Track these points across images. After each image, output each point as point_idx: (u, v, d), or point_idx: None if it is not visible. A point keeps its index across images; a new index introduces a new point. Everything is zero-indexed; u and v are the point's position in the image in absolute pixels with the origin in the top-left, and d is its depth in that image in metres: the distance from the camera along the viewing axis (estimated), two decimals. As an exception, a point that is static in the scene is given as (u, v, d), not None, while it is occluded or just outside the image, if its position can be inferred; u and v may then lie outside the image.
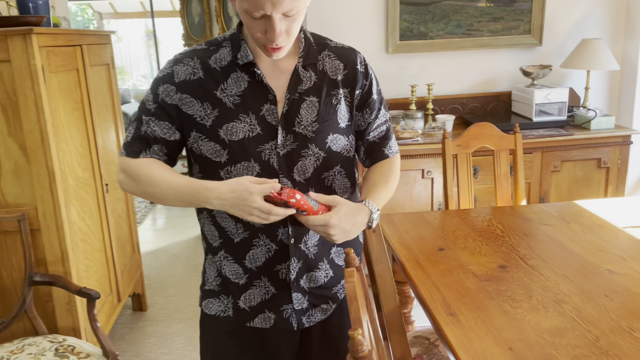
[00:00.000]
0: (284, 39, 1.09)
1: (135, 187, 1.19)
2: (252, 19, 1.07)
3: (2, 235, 2.00)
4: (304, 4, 1.09)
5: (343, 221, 1.12)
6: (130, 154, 1.20)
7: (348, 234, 1.14)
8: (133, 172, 1.18)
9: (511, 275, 1.54)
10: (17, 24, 1.94)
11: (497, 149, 2.37)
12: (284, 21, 1.07)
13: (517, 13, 3.15)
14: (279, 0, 1.02)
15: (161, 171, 1.17)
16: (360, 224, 1.17)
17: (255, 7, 1.04)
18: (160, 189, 1.15)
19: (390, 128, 1.33)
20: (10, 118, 1.90)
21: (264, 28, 1.08)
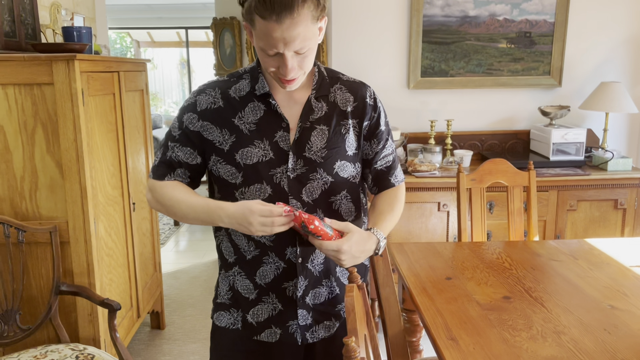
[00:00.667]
0: (296, 72, 1.20)
1: (160, 207, 1.32)
2: (267, 55, 1.18)
3: (34, 246, 2.13)
4: (314, 42, 1.19)
5: (354, 248, 1.20)
6: (156, 176, 1.32)
7: (356, 260, 1.23)
8: (158, 193, 1.30)
9: (514, 306, 1.59)
10: (62, 50, 2.11)
11: (510, 185, 2.42)
12: (296, 58, 1.18)
13: (537, 55, 3.23)
14: (291, 40, 1.13)
15: (182, 193, 1.29)
16: (368, 251, 1.25)
17: (269, 47, 1.15)
18: (181, 209, 1.27)
19: (396, 158, 1.42)
20: (50, 136, 2.05)
21: (277, 64, 1.19)
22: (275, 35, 1.12)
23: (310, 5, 1.12)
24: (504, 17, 3.17)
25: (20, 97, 2.02)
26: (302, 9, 1.11)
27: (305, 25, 1.13)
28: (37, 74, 1.99)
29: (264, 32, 1.13)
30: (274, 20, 1.10)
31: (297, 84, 1.25)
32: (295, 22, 1.11)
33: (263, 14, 1.11)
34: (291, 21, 1.10)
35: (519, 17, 3.18)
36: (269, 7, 1.09)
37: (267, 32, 1.13)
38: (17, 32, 2.16)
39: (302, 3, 1.11)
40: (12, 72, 1.99)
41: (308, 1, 1.12)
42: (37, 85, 2.01)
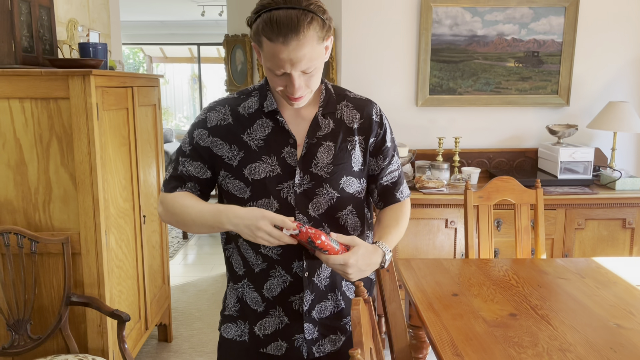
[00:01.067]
0: (303, 91, 1.23)
1: (170, 217, 1.34)
2: (274, 75, 1.22)
3: (46, 257, 2.16)
4: (321, 61, 1.23)
5: (360, 261, 1.22)
6: (167, 189, 1.36)
7: (363, 273, 1.25)
8: (169, 204, 1.33)
9: (520, 323, 1.59)
10: (78, 65, 2.16)
11: (518, 202, 2.43)
12: (303, 77, 1.21)
13: (544, 74, 3.26)
14: (297, 61, 1.17)
15: (191, 200, 1.31)
16: (374, 264, 1.27)
17: (276, 67, 1.19)
18: (190, 215, 1.28)
19: (401, 174, 1.45)
20: (64, 149, 2.10)
21: (285, 83, 1.22)
22: (282, 57, 1.16)
23: (316, 27, 1.16)
24: (512, 36, 3.21)
25: (37, 111, 2.07)
26: (308, 30, 1.14)
27: (311, 46, 1.16)
28: (53, 89, 2.05)
29: (271, 54, 1.17)
30: (281, 42, 1.14)
31: (304, 102, 1.28)
32: (301, 44, 1.14)
33: (270, 36, 1.15)
34: (297, 43, 1.14)
35: (527, 36, 3.21)
36: (276, 30, 1.13)
37: (274, 54, 1.16)
38: (35, 47, 2.22)
39: (308, 25, 1.14)
40: (30, 87, 2.04)
41: (313, 23, 1.15)
42: (54, 100, 2.06)
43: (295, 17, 1.13)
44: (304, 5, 1.15)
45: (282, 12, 1.13)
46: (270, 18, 1.14)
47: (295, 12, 1.13)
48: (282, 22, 1.12)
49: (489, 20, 3.18)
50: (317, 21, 1.16)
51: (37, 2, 2.23)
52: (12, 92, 2.04)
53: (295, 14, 1.13)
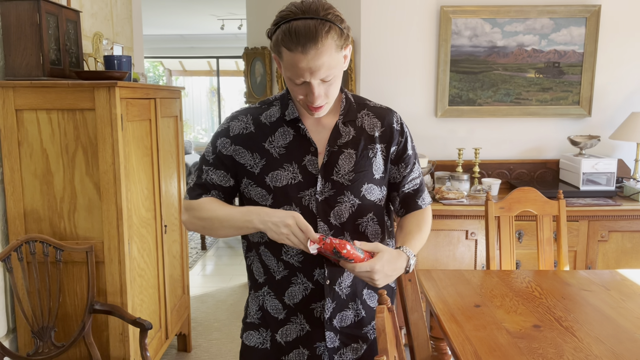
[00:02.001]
0: (322, 100, 1.25)
1: (197, 223, 1.35)
2: (294, 84, 1.24)
3: (71, 265, 2.19)
4: (339, 70, 1.25)
5: (386, 266, 1.22)
6: (192, 197, 1.38)
7: (389, 278, 1.25)
8: (195, 209, 1.35)
9: (544, 335, 1.57)
10: (103, 77, 2.21)
11: (540, 214, 2.41)
12: (322, 86, 1.24)
13: (566, 84, 3.24)
14: (316, 69, 1.19)
15: (218, 204, 1.34)
16: (399, 269, 1.27)
17: (296, 76, 1.21)
18: (218, 218, 1.30)
19: (423, 182, 1.45)
20: (89, 159, 2.14)
21: (305, 92, 1.25)
22: (301, 66, 1.18)
23: (334, 35, 1.18)
24: (532, 47, 3.20)
25: (63, 122, 2.12)
26: (326, 39, 1.17)
27: (330, 55, 1.18)
28: (79, 100, 2.09)
29: (290, 63, 1.20)
30: (300, 52, 1.17)
31: (325, 111, 1.30)
32: (319, 52, 1.17)
33: (289, 46, 1.18)
34: (316, 51, 1.16)
35: (548, 47, 3.20)
36: (294, 40, 1.16)
37: (293, 63, 1.19)
38: (62, 60, 2.28)
39: (326, 34, 1.16)
40: (57, 98, 2.09)
41: (331, 31, 1.17)
42: (80, 111, 2.11)
43: (313, 26, 1.15)
44: (322, 15, 1.17)
45: (301, 23, 1.16)
46: (289, 28, 1.17)
47: (313, 22, 1.16)
48: (301, 32, 1.15)
49: (508, 31, 3.18)
50: (335, 30, 1.18)
51: (64, 16, 2.29)
52: (39, 103, 2.09)
53: (314, 23, 1.16)
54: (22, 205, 2.15)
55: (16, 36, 2.10)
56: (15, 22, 2.09)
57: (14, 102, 2.09)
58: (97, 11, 2.97)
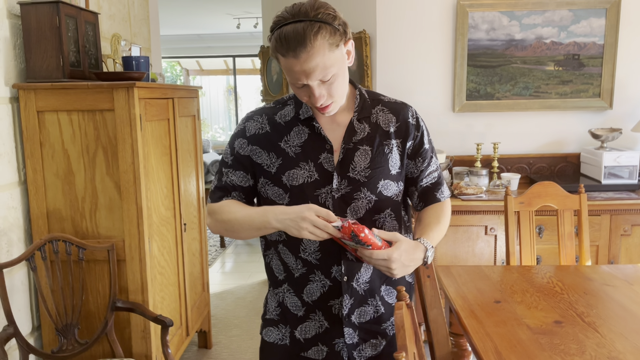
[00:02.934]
0: (326, 99, 1.26)
1: (220, 226, 1.37)
2: (296, 87, 1.26)
3: (93, 264, 2.23)
4: (339, 68, 1.23)
5: (403, 256, 1.22)
6: (214, 200, 1.40)
7: (407, 269, 1.24)
8: (217, 212, 1.37)
9: (566, 331, 1.56)
10: (122, 78, 2.23)
11: (560, 208, 2.38)
12: (323, 86, 1.24)
13: (586, 77, 3.19)
14: (311, 71, 1.19)
15: (238, 206, 1.35)
16: (417, 260, 1.27)
17: (295, 80, 1.23)
18: (237, 220, 1.31)
19: (441, 175, 1.44)
20: (110, 159, 2.16)
21: (307, 94, 1.26)
22: (296, 69, 1.20)
23: (325, 35, 1.18)
24: (551, 40, 3.15)
25: (84, 123, 2.15)
26: (316, 40, 1.17)
27: (322, 55, 1.18)
28: (99, 101, 2.12)
29: (287, 68, 1.21)
30: (292, 56, 1.18)
31: (333, 110, 1.30)
32: (310, 55, 1.17)
33: (282, 52, 1.19)
34: (307, 55, 1.17)
35: (567, 39, 3.15)
36: (285, 45, 1.18)
37: (289, 68, 1.20)
38: (82, 61, 2.31)
39: (315, 35, 1.17)
40: (77, 100, 2.12)
41: (322, 31, 1.17)
42: (99, 112, 2.14)
43: (301, 29, 1.16)
44: (311, 16, 1.18)
45: (290, 27, 1.17)
46: (279, 35, 1.19)
47: (301, 24, 1.17)
48: (290, 36, 1.16)
49: (527, 24, 3.14)
50: (326, 29, 1.18)
51: (83, 18, 2.32)
52: (60, 105, 2.13)
53: (302, 26, 1.16)
54: (44, 205, 2.19)
55: (36, 39, 2.13)
56: (36, 25, 2.13)
57: (35, 104, 2.13)
58: (115, 13, 3.00)
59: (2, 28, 2.09)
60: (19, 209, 2.18)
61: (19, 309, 2.17)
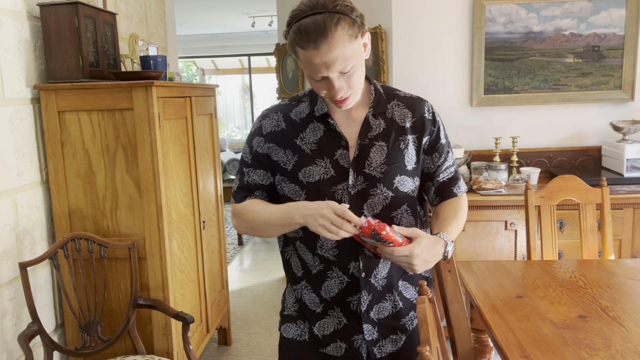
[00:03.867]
0: (345, 91, 1.24)
1: (245, 225, 1.37)
2: (315, 81, 1.24)
3: (114, 261, 2.25)
4: (357, 59, 1.22)
5: (425, 252, 1.21)
6: (237, 200, 1.40)
7: (428, 264, 1.23)
8: (241, 213, 1.37)
9: (590, 325, 1.53)
10: (140, 77, 2.25)
11: (582, 202, 2.35)
12: (342, 78, 1.22)
13: (606, 69, 3.14)
14: (332, 63, 1.18)
15: (261, 205, 1.35)
16: (438, 255, 1.26)
17: (314, 72, 1.21)
18: (262, 218, 1.32)
19: (457, 170, 1.43)
20: (129, 158, 2.18)
21: (326, 87, 1.24)
22: (316, 62, 1.18)
23: (345, 26, 1.17)
24: (570, 31, 3.11)
25: (104, 122, 2.17)
26: (336, 31, 1.16)
27: (343, 46, 1.17)
28: (118, 100, 2.14)
29: (306, 61, 1.20)
30: (312, 48, 1.17)
31: (352, 103, 1.29)
32: (331, 46, 1.16)
33: (301, 45, 1.18)
34: (327, 45, 1.16)
35: (587, 31, 3.10)
36: (305, 37, 1.17)
37: (308, 60, 1.19)
38: (101, 62, 2.33)
39: (335, 26, 1.16)
40: (97, 99, 2.14)
41: (341, 22, 1.16)
42: (119, 111, 2.16)
43: (321, 20, 1.15)
44: (330, 8, 1.17)
45: (309, 19, 1.16)
46: (299, 27, 1.18)
47: (321, 16, 1.16)
48: (310, 28, 1.15)
49: (545, 16, 3.10)
50: (346, 20, 1.17)
51: (101, 19, 2.34)
52: (80, 105, 2.15)
53: (322, 17, 1.15)
54: (66, 204, 2.22)
55: (56, 40, 2.16)
56: (55, 26, 2.15)
57: (56, 104, 2.16)
58: (132, 13, 3.03)
59: (22, 30, 2.12)
60: (41, 208, 2.21)
61: (43, 307, 2.20)
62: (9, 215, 2.03)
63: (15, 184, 2.06)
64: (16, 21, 2.09)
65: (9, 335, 2.02)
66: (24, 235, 2.11)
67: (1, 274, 1.99)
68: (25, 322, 2.10)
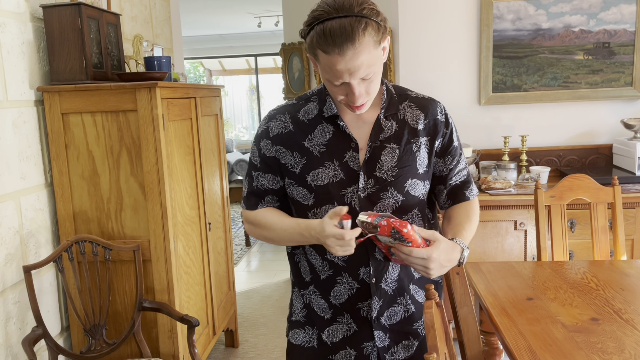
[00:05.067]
0: (364, 98, 1.20)
1: (259, 234, 1.36)
2: (333, 85, 1.19)
3: (119, 264, 2.24)
4: (379, 65, 1.18)
5: (442, 256, 1.18)
6: (249, 207, 1.38)
7: (443, 269, 1.20)
8: (254, 222, 1.36)
9: (603, 328, 1.50)
10: (144, 78, 2.23)
11: (594, 201, 2.30)
12: (363, 84, 1.18)
13: (617, 65, 3.08)
14: (355, 70, 1.13)
15: (274, 216, 1.33)
16: (453, 260, 1.22)
17: (335, 78, 1.16)
18: (275, 232, 1.31)
19: (469, 173, 1.39)
20: (134, 160, 2.17)
21: (345, 92, 1.20)
22: (339, 67, 1.13)
23: (372, 32, 1.12)
24: (579, 28, 3.06)
25: (107, 124, 2.15)
26: (363, 37, 1.10)
27: (368, 52, 1.12)
28: (122, 102, 2.12)
29: (328, 65, 1.14)
30: (337, 53, 1.11)
31: (367, 108, 1.25)
32: (357, 52, 1.11)
33: (325, 49, 1.12)
34: (354, 52, 1.10)
35: (596, 27, 3.05)
36: (330, 42, 1.10)
37: (331, 65, 1.14)
38: (104, 63, 2.32)
39: (363, 31, 1.10)
40: (100, 101, 2.13)
41: (368, 28, 1.11)
42: (122, 112, 2.14)
43: (349, 25, 1.09)
44: (356, 12, 1.11)
45: (335, 22, 1.10)
46: (323, 30, 1.11)
47: (348, 20, 1.10)
48: (336, 32, 1.09)
49: (554, 13, 3.05)
50: (372, 25, 1.12)
51: (105, 20, 2.33)
52: (84, 106, 2.14)
53: (349, 22, 1.09)
54: (71, 207, 2.21)
55: (59, 42, 2.15)
56: (58, 27, 2.14)
57: (60, 106, 2.14)
58: (136, 14, 3.02)
59: (25, 31, 2.11)
60: (45, 210, 2.20)
61: (48, 310, 2.19)
62: (13, 218, 2.02)
63: (19, 187, 2.05)
64: (19, 23, 2.07)
65: (13, 339, 2.01)
66: (29, 238, 2.10)
67: (5, 277, 1.98)
68: (29, 325, 2.09)
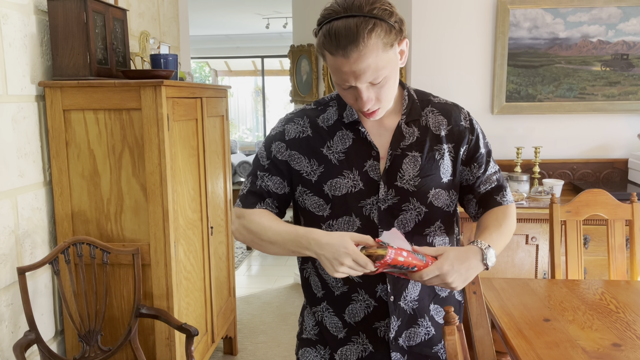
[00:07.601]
0: (374, 104, 1.13)
1: (246, 234, 1.24)
2: (342, 89, 1.13)
3: (117, 267, 2.16)
4: (391, 69, 1.10)
5: (456, 265, 1.09)
6: (246, 205, 1.26)
7: (467, 278, 1.11)
8: (246, 220, 1.24)
9: (626, 355, 1.41)
10: (150, 76, 2.16)
11: (611, 218, 2.22)
12: (372, 89, 1.11)
13: (635, 78, 3.00)
14: (361, 73, 1.07)
15: (270, 220, 1.22)
16: (475, 266, 1.13)
17: (342, 81, 1.10)
18: (267, 236, 1.19)
19: (502, 179, 1.30)
20: (136, 160, 2.09)
21: (354, 96, 1.13)
22: (344, 70, 1.07)
23: (380, 33, 1.05)
24: (597, 38, 2.98)
25: (110, 122, 2.08)
26: (369, 39, 1.04)
27: (376, 55, 1.06)
28: (126, 100, 2.05)
29: (334, 67, 1.10)
30: (341, 55, 1.06)
31: (380, 115, 1.18)
32: (362, 55, 1.05)
33: (330, 50, 1.07)
34: (358, 54, 1.04)
35: (615, 38, 2.97)
36: (335, 43, 1.05)
37: (336, 67, 1.09)
38: (109, 59, 2.24)
39: (369, 33, 1.04)
40: (103, 98, 2.05)
41: (376, 29, 1.04)
42: (126, 111, 2.07)
43: (354, 26, 1.03)
44: (366, 11, 1.04)
45: (341, 23, 1.04)
46: (329, 30, 1.06)
47: (354, 20, 1.03)
48: (341, 33, 1.04)
49: (572, 22, 2.97)
50: (381, 27, 1.05)
51: (111, 15, 2.26)
52: (87, 103, 2.06)
53: (355, 22, 1.03)
54: (69, 207, 2.13)
55: (63, 36, 2.07)
56: (63, 21, 2.07)
57: (61, 102, 2.07)
58: (144, 11, 2.94)
59: (29, 24, 2.04)
60: (43, 210, 2.12)
61: (42, 313, 2.11)
62: (8, 217, 1.94)
63: (16, 185, 1.97)
64: (22, 15, 2.00)
65: (5, 342, 1.93)
66: (24, 238, 2.02)
67: (-1, 279, 1.90)
68: (22, 329, 2.01)
